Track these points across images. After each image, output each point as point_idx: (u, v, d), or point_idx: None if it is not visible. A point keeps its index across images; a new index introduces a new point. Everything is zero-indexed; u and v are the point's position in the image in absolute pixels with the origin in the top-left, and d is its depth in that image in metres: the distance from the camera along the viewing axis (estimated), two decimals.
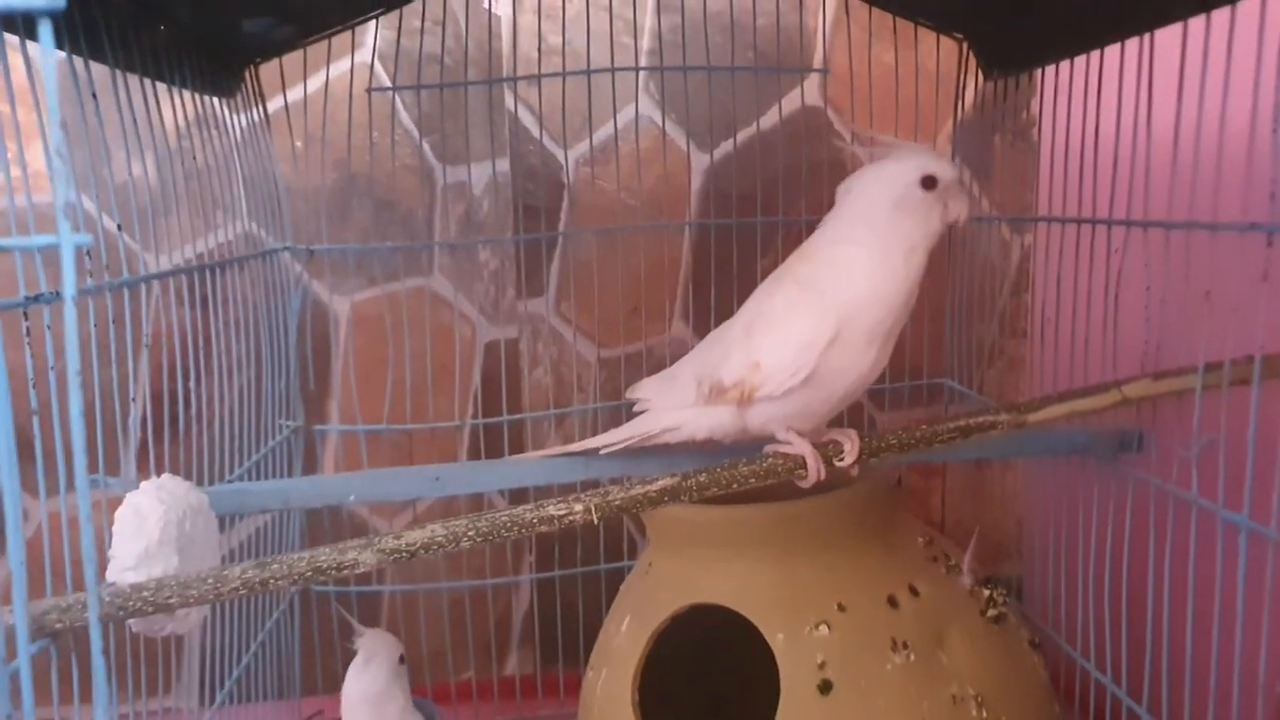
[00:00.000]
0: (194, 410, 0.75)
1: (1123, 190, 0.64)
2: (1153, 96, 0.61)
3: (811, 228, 1.00)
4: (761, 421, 0.60)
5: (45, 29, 0.26)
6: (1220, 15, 0.55)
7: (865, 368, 0.58)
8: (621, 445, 0.65)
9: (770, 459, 0.57)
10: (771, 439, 0.60)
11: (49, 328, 0.49)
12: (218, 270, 0.77)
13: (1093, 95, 0.69)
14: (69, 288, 0.25)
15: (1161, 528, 0.60)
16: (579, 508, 0.52)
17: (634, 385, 0.70)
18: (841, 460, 0.58)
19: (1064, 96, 0.74)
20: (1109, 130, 0.66)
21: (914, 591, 0.67)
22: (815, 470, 0.57)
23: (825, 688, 0.63)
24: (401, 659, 0.74)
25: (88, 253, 0.54)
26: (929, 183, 0.56)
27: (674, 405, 0.64)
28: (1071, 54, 0.73)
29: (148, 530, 0.54)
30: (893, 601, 0.66)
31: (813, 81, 1.04)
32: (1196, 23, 0.57)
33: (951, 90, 0.96)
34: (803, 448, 0.57)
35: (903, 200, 0.56)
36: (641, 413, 0.68)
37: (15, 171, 0.69)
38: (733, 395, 0.59)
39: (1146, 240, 0.61)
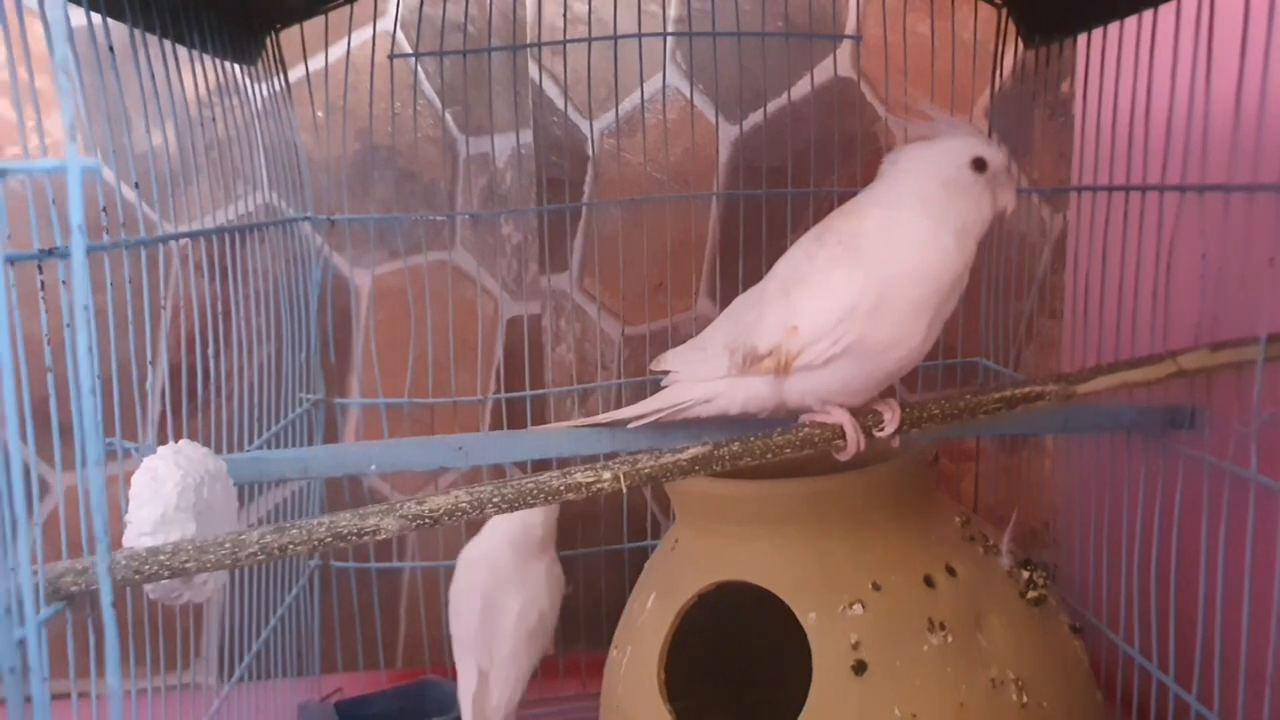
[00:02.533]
0: (213, 382, 0.74)
1: (1176, 154, 0.62)
2: (1213, 53, 0.58)
3: (843, 200, 0.98)
4: (800, 395, 0.57)
5: None
6: None
7: (912, 345, 0.55)
8: (651, 418, 0.63)
9: (807, 429, 0.55)
10: (808, 412, 0.58)
11: (64, 283, 0.47)
12: (237, 238, 0.76)
13: (1143, 57, 0.66)
14: (75, 213, 0.23)
15: (1216, 507, 0.57)
16: (607, 475, 0.50)
17: (659, 356, 0.68)
18: (882, 430, 0.56)
19: (1110, 61, 0.71)
20: (1160, 92, 0.63)
21: (951, 571, 0.65)
22: (854, 440, 0.55)
23: (860, 668, 0.61)
24: None
25: (104, 209, 0.52)
26: (979, 165, 0.54)
27: (705, 376, 0.62)
28: (1121, 15, 0.70)
29: (164, 495, 0.53)
30: (929, 581, 0.64)
31: (845, 52, 1.01)
32: None
33: (987, 61, 0.93)
34: (840, 416, 0.55)
35: (953, 181, 0.54)
36: (668, 385, 0.66)
37: (33, 140, 0.68)
38: (769, 364, 0.56)
39: (1203, 205, 0.58)
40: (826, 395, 0.56)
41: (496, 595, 0.78)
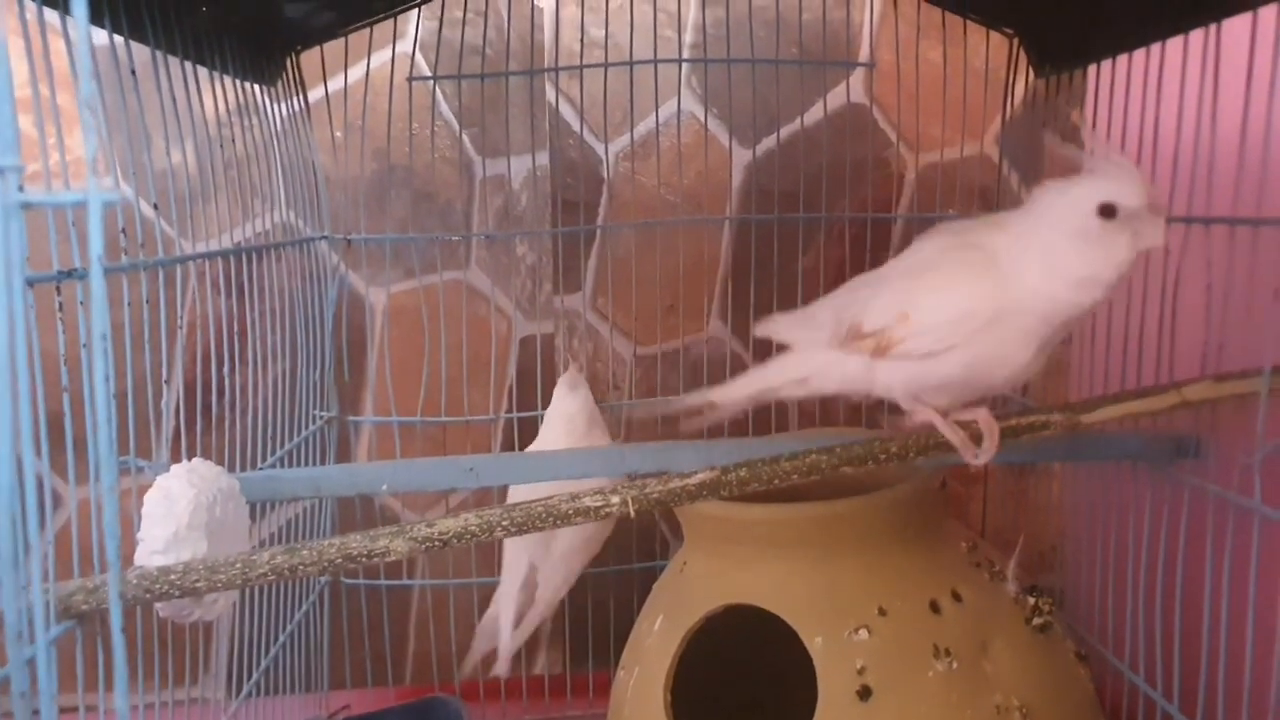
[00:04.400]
0: (228, 399, 0.74)
1: (1183, 187, 0.62)
2: (1219, 88, 0.59)
3: (855, 225, 0.98)
4: (888, 383, 0.56)
5: None
6: None
7: (1016, 367, 0.53)
8: (744, 396, 0.61)
9: (814, 454, 0.55)
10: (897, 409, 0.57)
11: (81, 304, 0.48)
12: (254, 256, 0.77)
13: (1151, 89, 0.66)
14: (95, 245, 0.24)
15: (1220, 537, 0.57)
16: (616, 500, 0.50)
17: (764, 320, 0.64)
18: (976, 458, 0.55)
19: (1120, 92, 0.71)
20: (1168, 125, 0.64)
21: (957, 597, 0.65)
22: (959, 440, 0.54)
23: (864, 694, 0.61)
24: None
25: (123, 230, 0.53)
26: (1108, 211, 0.50)
27: (804, 342, 0.60)
28: (1130, 48, 0.71)
29: (177, 513, 0.53)
30: (935, 607, 0.64)
31: (858, 79, 1.02)
32: (1267, 11, 0.55)
33: (999, 89, 0.94)
34: (928, 416, 0.54)
35: (1081, 231, 0.50)
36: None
37: (54, 156, 0.69)
38: (869, 344, 0.55)
39: (1209, 237, 0.59)
40: (918, 390, 0.55)
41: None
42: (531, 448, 0.81)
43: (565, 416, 0.80)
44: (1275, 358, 0.53)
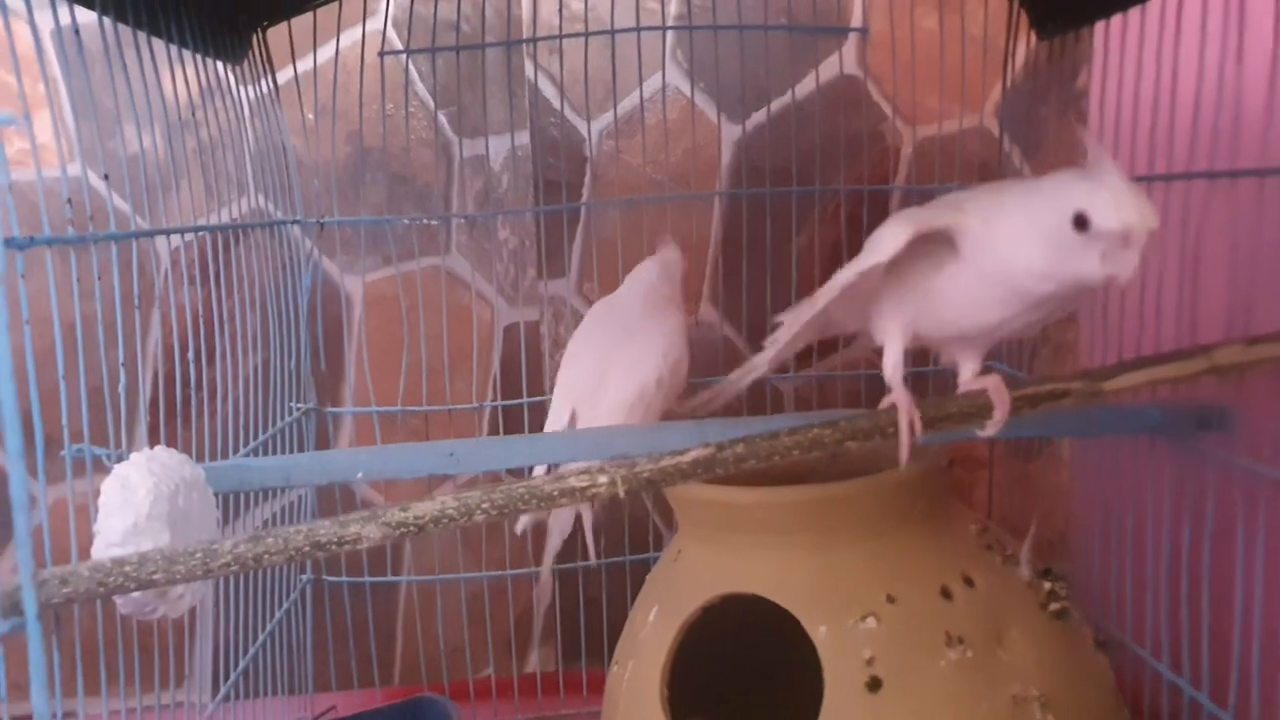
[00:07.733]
0: (199, 391, 0.71)
1: (1204, 141, 0.59)
2: (1244, 32, 0.55)
3: (850, 201, 0.94)
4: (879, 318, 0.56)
5: None
6: None
7: (983, 323, 0.52)
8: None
9: (816, 428, 0.51)
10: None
11: (23, 277, 0.44)
12: (221, 238, 0.73)
13: (1168, 39, 0.63)
14: None
15: (1251, 513, 0.54)
16: (603, 479, 0.47)
17: None
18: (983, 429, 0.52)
19: (1132, 48, 0.68)
20: (1187, 76, 0.60)
21: (969, 582, 0.62)
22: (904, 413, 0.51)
23: (874, 685, 0.58)
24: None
25: (68, 200, 0.49)
26: (1080, 223, 0.45)
27: None
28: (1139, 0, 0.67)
29: (136, 503, 0.50)
30: (946, 593, 0.61)
31: (850, 50, 0.98)
32: None
33: (999, 57, 0.90)
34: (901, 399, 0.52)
35: (1051, 231, 0.47)
36: None
37: (18, 144, 0.65)
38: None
39: (1235, 191, 0.55)
40: (900, 324, 0.55)
41: (616, 346, 0.77)
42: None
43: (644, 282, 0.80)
44: None
